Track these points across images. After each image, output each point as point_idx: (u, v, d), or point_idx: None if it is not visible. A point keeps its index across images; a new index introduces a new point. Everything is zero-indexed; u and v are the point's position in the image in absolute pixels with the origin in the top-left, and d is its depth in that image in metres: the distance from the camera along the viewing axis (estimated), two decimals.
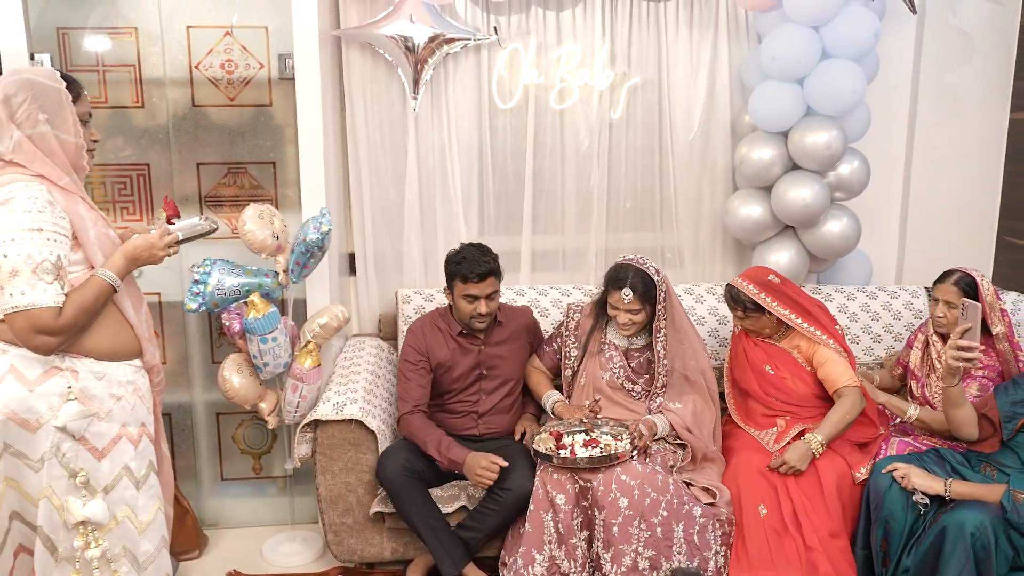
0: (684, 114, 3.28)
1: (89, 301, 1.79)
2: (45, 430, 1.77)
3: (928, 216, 3.49)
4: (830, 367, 2.69)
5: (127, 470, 1.87)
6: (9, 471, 1.79)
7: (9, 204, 1.72)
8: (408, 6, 2.95)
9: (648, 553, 2.43)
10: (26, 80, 1.78)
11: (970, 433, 2.43)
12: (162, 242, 1.93)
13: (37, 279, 1.71)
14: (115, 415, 1.85)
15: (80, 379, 1.81)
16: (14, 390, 1.76)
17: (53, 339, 1.74)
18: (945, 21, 3.34)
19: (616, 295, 2.69)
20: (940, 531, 2.26)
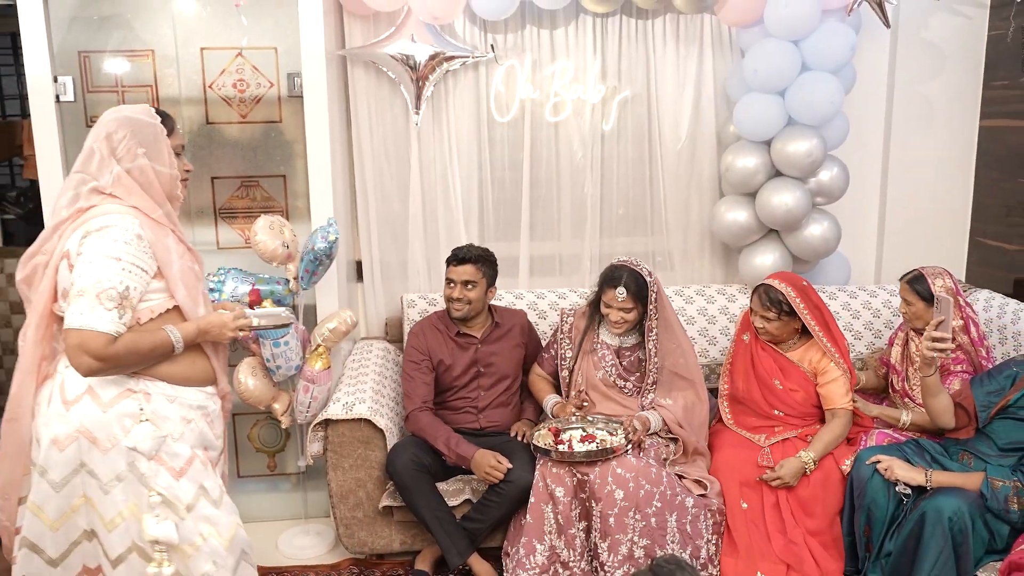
0: (672, 125, 3.35)
1: (145, 346, 1.79)
2: (117, 450, 1.77)
3: (904, 219, 3.56)
4: (833, 386, 2.72)
5: (204, 490, 1.86)
6: (85, 489, 1.79)
7: (103, 231, 1.77)
8: (409, 26, 3.04)
9: (643, 542, 2.49)
10: (125, 117, 1.86)
11: (947, 422, 2.49)
12: (233, 324, 1.94)
13: (98, 303, 1.72)
14: (187, 437, 1.85)
15: (152, 401, 1.82)
16: (89, 410, 1.78)
17: (96, 364, 1.73)
18: (917, 35, 3.42)
19: (610, 293, 2.74)
20: (920, 517, 2.32)
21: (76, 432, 1.78)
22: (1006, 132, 3.36)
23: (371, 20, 3.13)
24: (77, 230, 1.82)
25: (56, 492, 1.79)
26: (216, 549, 1.85)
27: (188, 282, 1.89)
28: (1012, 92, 3.31)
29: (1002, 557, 2.27)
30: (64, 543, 1.82)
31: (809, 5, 2.93)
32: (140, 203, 1.85)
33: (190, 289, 1.90)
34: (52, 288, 1.84)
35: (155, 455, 1.79)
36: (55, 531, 1.81)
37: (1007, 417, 2.42)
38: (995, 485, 2.30)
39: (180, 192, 1.95)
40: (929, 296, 2.68)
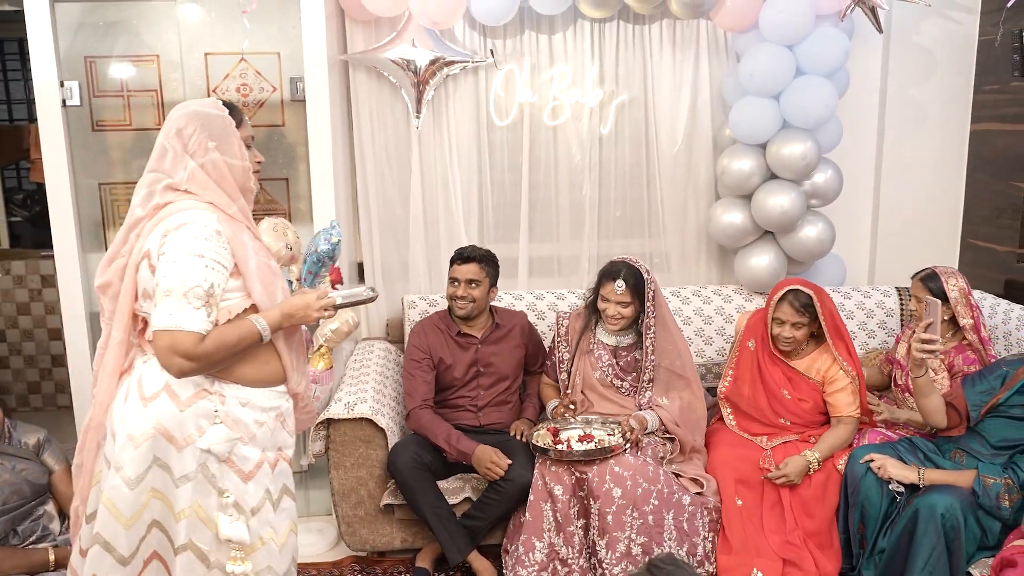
0: (669, 129, 3.38)
1: (232, 339, 1.76)
2: (191, 449, 1.76)
3: (897, 220, 3.59)
4: (840, 395, 2.69)
5: (268, 493, 1.86)
6: (156, 483, 1.78)
7: (182, 228, 1.73)
8: (410, 31, 3.08)
9: (640, 540, 2.51)
10: (193, 112, 1.81)
11: (939, 421, 2.50)
12: (317, 303, 1.89)
13: (186, 302, 1.69)
14: (258, 440, 1.84)
15: (227, 403, 1.79)
16: (166, 407, 1.76)
17: (188, 363, 1.71)
18: (909, 39, 3.46)
19: (609, 286, 2.76)
20: (913, 514, 2.35)
21: (153, 429, 1.76)
22: (996, 135, 3.40)
23: (372, 25, 3.17)
24: (156, 228, 1.77)
25: (130, 489, 1.77)
26: (272, 552, 1.86)
27: (265, 279, 1.85)
28: (1002, 96, 3.35)
29: (994, 553, 2.30)
30: (135, 540, 1.81)
31: (803, 10, 2.97)
32: (215, 199, 1.82)
33: (267, 286, 1.85)
34: (133, 289, 1.80)
35: (226, 458, 1.79)
36: (128, 529, 1.80)
37: (998, 415, 2.44)
38: (987, 483, 2.33)
39: (253, 184, 1.91)
40: (941, 295, 2.70)
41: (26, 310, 4.32)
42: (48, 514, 2.46)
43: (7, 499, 2.33)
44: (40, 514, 2.44)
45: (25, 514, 2.40)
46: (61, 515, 2.50)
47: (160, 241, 1.74)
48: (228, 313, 1.78)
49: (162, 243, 1.74)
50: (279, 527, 1.89)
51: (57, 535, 2.44)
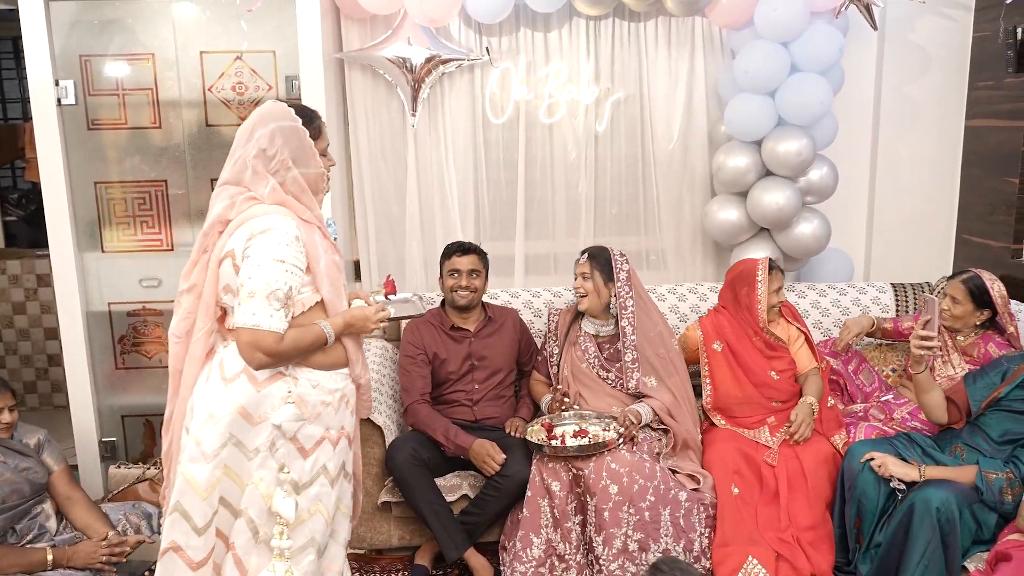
0: (664, 126, 3.40)
1: (305, 342, 1.92)
2: (264, 425, 1.91)
3: (892, 217, 3.60)
4: (802, 351, 2.88)
5: (324, 469, 1.99)
6: (229, 460, 1.92)
7: (266, 234, 1.87)
8: (405, 29, 3.08)
9: (637, 536, 2.52)
10: (276, 128, 1.91)
11: (939, 417, 2.55)
12: (376, 317, 2.05)
13: (268, 304, 1.84)
14: (322, 419, 1.98)
15: (299, 385, 1.94)
16: (245, 388, 1.90)
17: (267, 359, 1.87)
18: (904, 37, 3.47)
19: (578, 261, 2.89)
20: (908, 508, 2.36)
21: (232, 408, 1.90)
22: (990, 132, 3.41)
23: (368, 23, 3.18)
24: (240, 229, 1.91)
25: (207, 463, 1.91)
26: (318, 526, 2.00)
27: (332, 276, 2.00)
28: (997, 93, 3.36)
29: (989, 547, 2.30)
30: (208, 513, 1.93)
31: (798, 8, 2.98)
32: (294, 208, 1.95)
33: (334, 283, 2.00)
34: (216, 282, 1.94)
35: (292, 436, 1.93)
36: (203, 501, 1.92)
37: (999, 410, 2.46)
38: (989, 478, 2.34)
39: (325, 185, 2.05)
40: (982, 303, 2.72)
41: (22, 309, 4.32)
42: (45, 513, 2.47)
43: (7, 497, 2.34)
44: (38, 513, 2.45)
45: (23, 513, 2.40)
46: (58, 515, 2.50)
47: (245, 244, 1.88)
48: (302, 306, 1.94)
49: (247, 245, 1.88)
50: (331, 502, 2.02)
51: (54, 535, 2.45)
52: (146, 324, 3.04)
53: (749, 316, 2.89)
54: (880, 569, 2.46)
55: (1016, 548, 2.17)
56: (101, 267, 2.99)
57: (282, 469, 1.93)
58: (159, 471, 2.90)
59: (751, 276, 2.88)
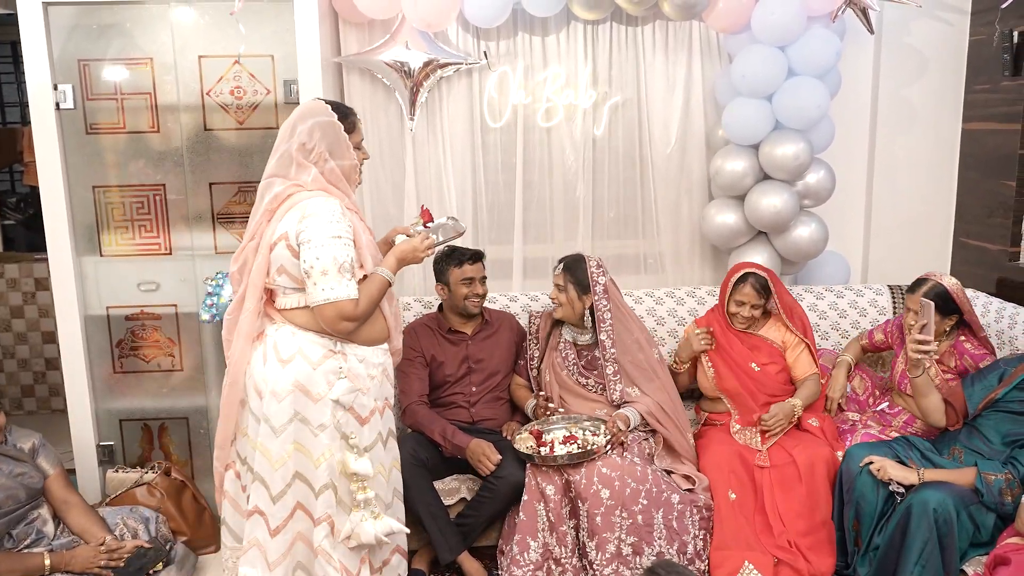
0: (662, 129, 3.41)
1: (375, 293, 2.14)
2: (324, 402, 2.11)
3: (890, 220, 3.61)
4: (801, 357, 2.91)
5: (379, 436, 2.22)
6: (297, 435, 2.12)
7: (317, 215, 2.07)
8: (403, 34, 3.10)
9: (630, 540, 2.53)
10: (314, 124, 2.13)
11: (938, 420, 2.57)
12: (423, 245, 2.25)
13: (341, 277, 2.05)
14: (372, 391, 2.19)
15: (348, 360, 2.15)
16: (302, 367, 2.11)
17: (351, 324, 2.09)
18: (901, 40, 3.49)
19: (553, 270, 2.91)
20: (906, 510, 2.37)
21: (292, 386, 2.10)
22: (987, 135, 3.42)
23: (366, 27, 3.19)
24: (290, 213, 2.11)
25: (276, 436, 2.12)
26: (381, 483, 2.23)
27: (372, 252, 2.20)
28: (993, 96, 3.37)
29: (987, 550, 2.31)
30: (281, 483, 2.13)
31: (795, 12, 2.99)
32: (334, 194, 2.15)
33: (374, 257, 2.21)
34: (266, 265, 2.14)
35: (350, 407, 2.13)
36: (275, 471, 2.13)
37: (997, 411, 2.48)
38: (988, 480, 2.35)
39: (357, 177, 2.26)
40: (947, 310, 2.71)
41: (20, 313, 4.32)
42: (42, 518, 2.46)
43: (2, 503, 2.33)
44: (34, 518, 2.45)
45: (19, 518, 2.40)
46: (55, 519, 2.49)
47: (297, 228, 2.07)
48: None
49: (300, 229, 2.07)
50: (385, 462, 2.26)
51: (51, 539, 2.44)
52: (144, 328, 3.04)
53: (723, 319, 2.98)
54: (878, 571, 2.47)
55: (1015, 551, 2.18)
56: (99, 271, 2.99)
57: (349, 437, 2.13)
58: (157, 475, 2.90)
59: (726, 279, 2.96)
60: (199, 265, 3.01)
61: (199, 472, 3.14)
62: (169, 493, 2.86)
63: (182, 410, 3.10)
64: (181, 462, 3.13)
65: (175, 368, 3.08)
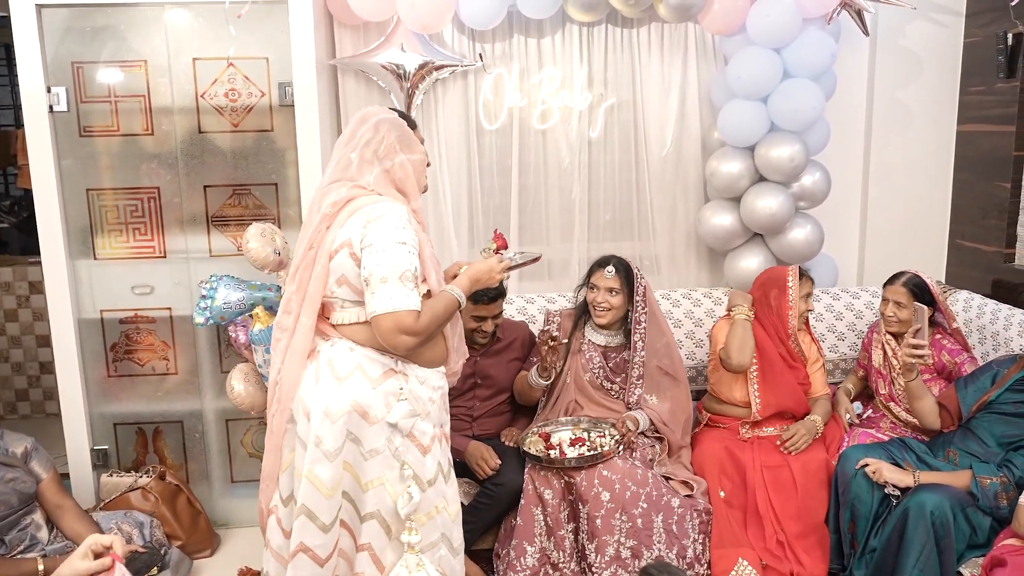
0: (658, 131, 3.41)
1: (440, 311, 1.96)
2: (380, 425, 1.93)
3: (885, 222, 3.62)
4: (818, 373, 2.94)
5: (439, 466, 2.02)
6: (348, 456, 1.94)
7: (381, 220, 1.90)
8: (398, 36, 3.09)
9: (630, 543, 2.53)
10: (378, 121, 1.99)
11: (932, 422, 2.58)
12: (499, 267, 2.09)
13: (402, 286, 1.87)
14: (432, 416, 2.01)
15: (409, 381, 1.97)
16: (360, 385, 1.93)
17: (411, 339, 1.89)
18: (895, 42, 3.49)
19: (600, 273, 2.81)
20: (903, 513, 2.38)
21: (349, 406, 1.91)
22: (982, 136, 3.43)
23: (361, 29, 3.18)
24: (352, 219, 1.94)
25: (330, 462, 1.92)
26: (446, 521, 2.04)
27: (435, 265, 2.04)
28: (988, 98, 3.38)
29: (984, 552, 2.31)
30: (335, 509, 1.94)
31: (790, 14, 2.99)
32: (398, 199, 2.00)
33: (437, 272, 2.05)
34: (326, 276, 1.96)
35: (408, 433, 1.96)
36: (328, 500, 1.93)
37: (992, 412, 2.48)
38: (984, 483, 2.36)
39: (424, 179, 2.09)
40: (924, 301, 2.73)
41: (14, 316, 4.29)
42: (35, 523, 2.45)
43: None
44: (28, 523, 2.43)
45: (12, 524, 2.38)
46: (49, 525, 2.48)
47: (361, 233, 1.90)
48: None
49: (364, 234, 1.90)
50: (450, 497, 2.06)
51: (45, 544, 2.43)
52: (139, 331, 3.03)
53: (779, 321, 2.88)
54: (875, 574, 2.46)
55: (1012, 553, 2.18)
56: (93, 274, 2.97)
57: (403, 466, 1.95)
58: (151, 479, 2.89)
59: (782, 281, 2.87)
60: (193, 268, 3.00)
61: (194, 476, 3.13)
62: (164, 497, 2.85)
63: (177, 414, 3.09)
64: (176, 466, 3.12)
65: (169, 372, 3.07)
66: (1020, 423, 2.45)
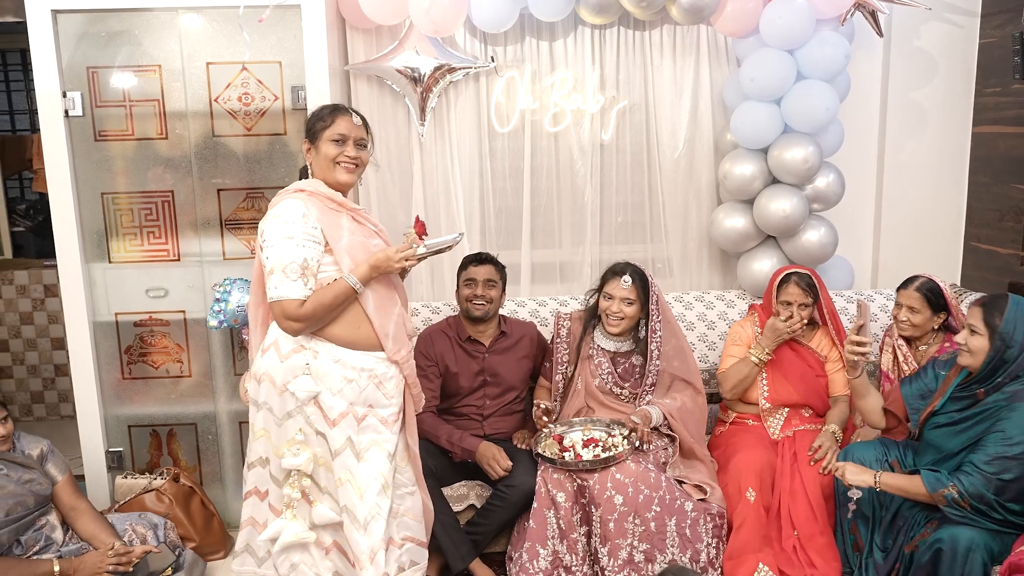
0: (670, 134, 3.40)
1: (328, 299, 2.12)
2: (287, 396, 2.15)
3: (900, 224, 3.60)
4: (838, 375, 2.91)
5: (350, 441, 2.18)
6: (264, 423, 2.20)
7: (276, 218, 2.15)
8: (412, 40, 3.10)
9: (643, 547, 2.52)
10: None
11: (877, 421, 2.56)
12: (397, 255, 2.15)
13: (285, 276, 2.09)
14: (345, 393, 2.17)
15: (319, 358, 2.16)
16: (272, 359, 2.18)
17: (296, 324, 2.12)
18: (910, 43, 3.47)
19: (615, 282, 2.79)
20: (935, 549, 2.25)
21: (263, 374, 2.18)
22: (997, 138, 3.41)
23: (373, 33, 3.19)
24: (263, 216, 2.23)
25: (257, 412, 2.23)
26: (351, 494, 2.17)
27: (355, 255, 2.18)
28: (1003, 99, 3.35)
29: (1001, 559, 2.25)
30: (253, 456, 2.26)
31: (803, 15, 2.98)
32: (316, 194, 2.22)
33: (356, 260, 2.17)
34: (258, 264, 2.24)
35: (314, 403, 2.15)
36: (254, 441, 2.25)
37: (938, 427, 2.40)
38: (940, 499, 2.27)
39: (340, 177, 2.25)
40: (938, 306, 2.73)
41: (29, 320, 4.33)
42: (51, 524, 2.46)
43: (11, 509, 2.33)
44: (43, 524, 2.45)
45: (28, 524, 2.40)
46: (64, 526, 2.49)
47: (261, 228, 2.17)
48: (327, 281, 2.15)
49: (262, 230, 2.17)
50: (361, 475, 2.18)
51: (60, 545, 2.44)
52: (153, 334, 3.05)
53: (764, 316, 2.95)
54: None
55: None
56: (108, 277, 2.99)
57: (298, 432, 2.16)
58: (165, 481, 2.90)
59: (771, 282, 2.94)
60: (207, 271, 3.01)
61: (207, 478, 3.14)
62: (177, 499, 2.86)
63: (190, 416, 3.11)
64: (189, 468, 3.13)
65: (183, 374, 3.08)
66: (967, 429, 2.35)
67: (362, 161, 2.29)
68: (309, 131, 2.27)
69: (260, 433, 2.22)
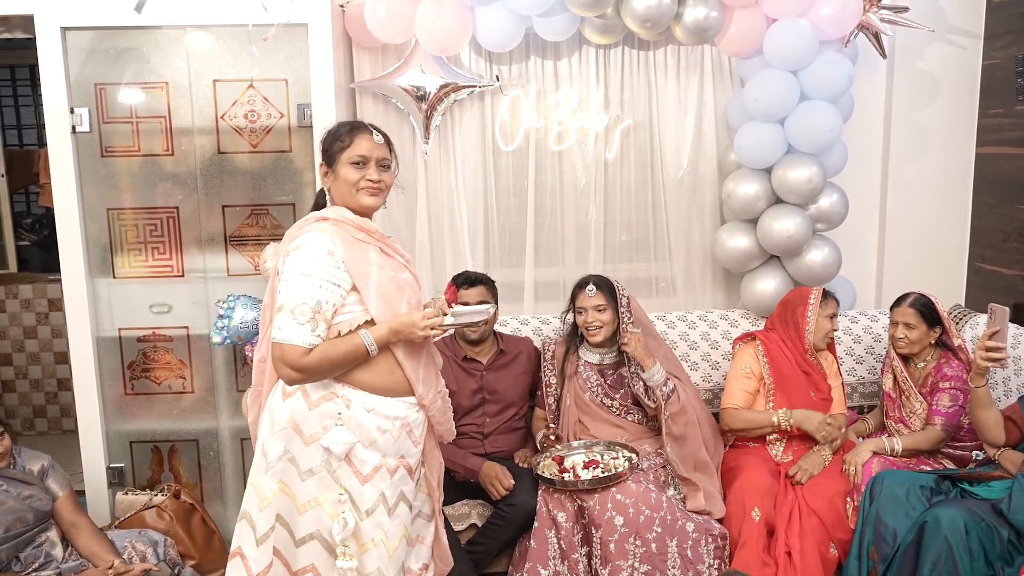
0: (674, 153, 3.41)
1: (338, 355, 1.89)
2: (315, 446, 1.90)
3: (903, 244, 3.59)
4: (837, 392, 2.92)
5: (383, 498, 1.96)
6: (283, 475, 1.92)
7: (298, 249, 1.91)
8: (417, 59, 3.12)
9: (644, 568, 2.50)
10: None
11: (997, 436, 2.45)
12: (423, 323, 1.93)
13: (292, 318, 1.85)
14: (379, 445, 1.95)
15: (352, 407, 1.92)
16: (299, 404, 1.92)
17: (295, 374, 1.87)
18: (913, 64, 3.49)
19: (581, 294, 2.83)
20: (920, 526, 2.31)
21: (286, 422, 1.92)
22: (1001, 159, 3.41)
23: (379, 52, 3.22)
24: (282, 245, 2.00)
25: (266, 472, 1.94)
26: (382, 555, 1.96)
27: (386, 292, 1.96)
28: (1007, 120, 3.36)
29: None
30: (265, 526, 1.94)
31: (807, 37, 3.00)
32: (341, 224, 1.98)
33: (387, 301, 1.96)
34: (271, 300, 2.00)
35: (344, 458, 1.91)
36: (260, 512, 1.94)
37: None
38: None
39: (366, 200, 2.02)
40: (933, 321, 2.73)
41: (33, 333, 4.34)
42: (51, 540, 2.45)
43: (11, 525, 2.33)
44: (43, 541, 2.44)
45: (28, 541, 2.39)
46: (64, 542, 2.48)
47: (282, 260, 1.94)
48: (349, 325, 1.93)
49: (282, 262, 1.93)
50: (391, 532, 1.98)
51: (59, 562, 2.43)
52: (156, 350, 3.05)
53: (796, 335, 2.90)
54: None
55: None
56: (112, 292, 3.00)
57: (340, 492, 1.91)
58: (166, 497, 2.89)
59: (804, 298, 2.92)
60: (211, 287, 3.02)
61: (208, 495, 3.13)
62: (178, 516, 2.85)
63: (192, 432, 3.10)
64: (191, 485, 3.12)
65: (186, 390, 3.08)
66: None
67: (386, 184, 2.04)
68: (326, 152, 2.03)
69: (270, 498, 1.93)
